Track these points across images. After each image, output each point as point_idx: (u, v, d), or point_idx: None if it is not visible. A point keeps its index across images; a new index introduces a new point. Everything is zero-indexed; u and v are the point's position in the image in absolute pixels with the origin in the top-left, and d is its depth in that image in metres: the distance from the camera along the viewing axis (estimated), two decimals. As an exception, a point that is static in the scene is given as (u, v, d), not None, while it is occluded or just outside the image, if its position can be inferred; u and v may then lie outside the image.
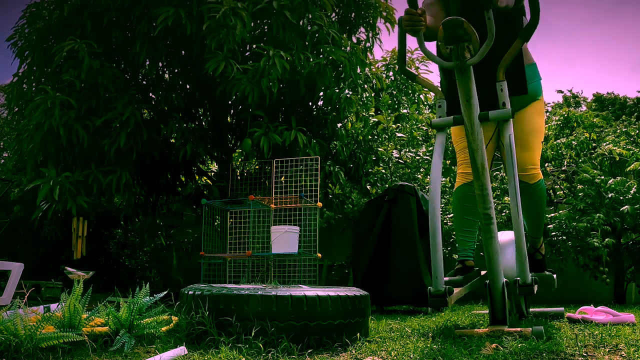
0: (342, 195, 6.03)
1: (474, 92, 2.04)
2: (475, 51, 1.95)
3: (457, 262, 2.83)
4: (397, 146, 6.25)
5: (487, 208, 2.18)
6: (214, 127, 5.61)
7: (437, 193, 2.20)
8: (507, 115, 2.18)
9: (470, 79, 2.00)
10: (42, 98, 4.50)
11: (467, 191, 2.68)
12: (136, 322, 2.09)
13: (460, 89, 2.03)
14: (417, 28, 2.18)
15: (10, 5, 28.97)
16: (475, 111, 2.06)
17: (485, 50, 1.98)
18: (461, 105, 2.06)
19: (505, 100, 2.20)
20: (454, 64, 1.97)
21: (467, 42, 1.91)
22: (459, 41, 1.90)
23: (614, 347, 1.97)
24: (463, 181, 2.72)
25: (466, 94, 2.02)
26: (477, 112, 2.07)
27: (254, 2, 4.43)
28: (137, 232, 7.99)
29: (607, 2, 46.79)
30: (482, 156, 2.12)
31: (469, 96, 2.03)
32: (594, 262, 4.85)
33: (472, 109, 2.04)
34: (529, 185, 2.61)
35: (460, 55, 1.94)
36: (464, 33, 1.88)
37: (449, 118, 2.24)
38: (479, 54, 1.97)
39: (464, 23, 1.86)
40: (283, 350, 1.91)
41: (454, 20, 1.87)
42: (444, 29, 1.89)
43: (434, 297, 2.17)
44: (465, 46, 1.92)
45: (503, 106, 2.20)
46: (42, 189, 4.46)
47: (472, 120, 2.06)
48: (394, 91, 6.89)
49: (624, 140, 5.52)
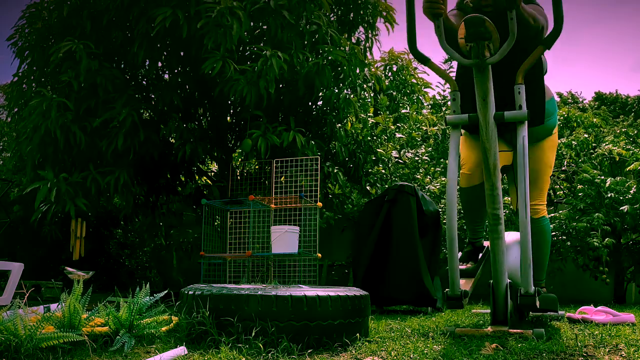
0: (342, 195, 6.03)
1: (491, 91, 2.02)
2: (496, 50, 1.94)
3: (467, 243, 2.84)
4: (397, 146, 6.25)
5: (496, 208, 2.18)
6: (214, 127, 5.61)
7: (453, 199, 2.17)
8: (523, 117, 2.16)
9: (489, 77, 1.99)
10: (39, 100, 4.50)
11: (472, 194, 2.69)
12: (136, 322, 2.08)
13: (478, 87, 2.01)
14: (437, 11, 2.13)
15: (10, 5, 28.98)
16: (491, 110, 2.05)
17: (506, 50, 1.96)
18: (477, 104, 2.05)
19: (522, 102, 2.17)
20: (473, 61, 1.96)
21: (488, 40, 1.89)
22: (481, 39, 1.89)
23: (614, 347, 1.97)
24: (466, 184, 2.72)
25: (483, 93, 2.01)
26: (492, 111, 2.06)
27: (252, 2, 4.42)
28: (137, 232, 7.99)
29: (607, 2, 46.75)
30: (495, 156, 2.11)
31: (485, 95, 2.02)
32: (593, 262, 4.85)
33: (488, 108, 2.04)
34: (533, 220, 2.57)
35: (480, 53, 1.93)
36: (485, 31, 1.87)
37: (464, 116, 2.21)
38: (499, 53, 1.95)
39: (486, 21, 1.86)
40: (283, 350, 1.91)
41: (476, 17, 1.86)
42: (466, 26, 1.88)
43: (451, 299, 2.24)
44: (486, 45, 1.91)
45: (519, 108, 2.18)
46: (40, 191, 4.46)
47: (487, 119, 2.05)
48: (393, 92, 6.89)
49: (624, 141, 5.52)
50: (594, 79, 46.81)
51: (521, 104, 2.18)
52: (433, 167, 6.41)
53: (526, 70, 2.19)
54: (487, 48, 1.92)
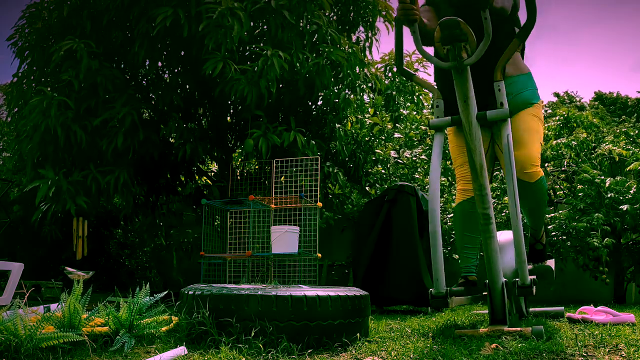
0: (342, 195, 6.03)
1: (472, 92, 2.04)
2: (472, 51, 1.95)
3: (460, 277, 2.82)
4: (396, 147, 6.25)
5: (486, 208, 2.18)
6: (214, 127, 5.61)
7: (436, 196, 2.20)
8: (505, 115, 2.18)
9: (468, 79, 2.00)
10: (39, 99, 4.50)
11: (467, 208, 2.64)
12: (136, 322, 2.09)
13: (458, 89, 2.02)
14: (412, 17, 2.18)
15: (10, 5, 28.98)
16: (473, 111, 2.06)
17: (482, 51, 1.98)
18: (459, 106, 2.06)
19: (502, 100, 2.20)
20: (451, 64, 1.97)
21: (464, 42, 1.91)
22: (456, 41, 1.91)
23: (614, 347, 1.97)
24: (463, 198, 2.68)
25: (463, 94, 2.02)
26: (474, 112, 2.07)
27: (253, 2, 4.43)
28: (137, 232, 7.99)
29: (607, 2, 46.77)
30: (481, 156, 2.12)
31: (466, 96, 2.03)
32: (593, 262, 4.85)
33: (470, 109, 2.04)
34: (530, 185, 2.55)
35: (457, 55, 1.94)
36: (460, 33, 1.89)
37: (446, 118, 2.25)
38: (476, 54, 1.97)
39: (460, 23, 1.86)
40: (283, 350, 1.91)
41: (450, 20, 1.87)
42: (441, 29, 1.89)
43: (435, 298, 2.21)
44: (462, 46, 1.92)
45: (501, 106, 2.20)
46: (40, 189, 4.46)
47: (469, 120, 2.06)
48: (392, 92, 6.89)
49: (624, 141, 5.52)
50: (594, 79, 46.84)
51: (502, 101, 2.19)
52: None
53: (503, 66, 2.22)
54: (463, 49, 1.92)
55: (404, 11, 2.18)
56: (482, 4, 2.00)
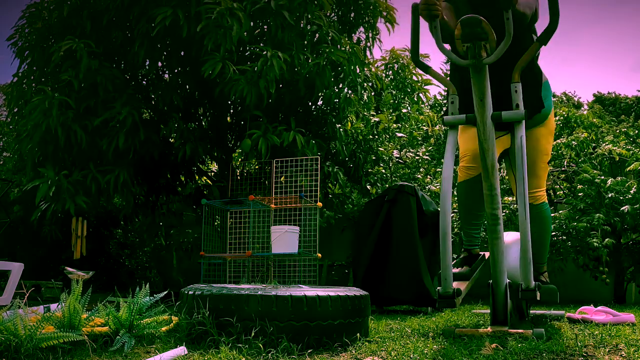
0: (342, 195, 6.03)
1: (488, 91, 2.02)
2: (492, 50, 1.94)
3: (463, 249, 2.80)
4: (398, 146, 6.24)
5: (494, 208, 2.17)
6: (214, 127, 5.61)
7: (448, 196, 2.17)
8: (520, 117, 2.15)
9: (486, 78, 1.99)
10: (40, 98, 4.50)
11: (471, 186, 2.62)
12: (136, 322, 2.08)
13: (475, 87, 2.01)
14: (434, 13, 2.15)
15: (10, 5, 28.98)
16: (489, 110, 2.05)
17: (503, 50, 1.96)
18: (474, 104, 2.04)
19: (519, 101, 2.17)
20: (470, 62, 1.96)
21: (484, 40, 1.89)
22: (477, 39, 1.89)
23: (614, 347, 1.97)
24: (466, 176, 2.66)
25: (480, 93, 2.01)
26: (490, 111, 2.05)
27: (253, 2, 4.42)
28: (137, 232, 7.99)
29: (607, 2, 46.77)
30: (493, 156, 2.10)
31: (482, 95, 2.01)
32: (593, 262, 4.85)
33: (486, 108, 2.03)
34: (533, 206, 2.53)
35: (477, 53, 1.93)
36: (482, 31, 1.87)
37: (461, 116, 2.22)
38: (496, 54, 1.95)
39: (482, 22, 1.85)
40: (283, 350, 1.91)
41: (472, 18, 1.85)
42: (462, 26, 1.88)
43: (443, 298, 2.17)
44: (482, 45, 1.91)
45: (516, 107, 2.18)
46: (40, 188, 4.46)
47: (484, 120, 2.05)
48: (393, 91, 6.88)
49: (624, 141, 5.52)
50: (594, 79, 46.84)
51: (518, 102, 2.18)
52: (434, 167, 6.41)
53: (522, 68, 2.19)
54: (483, 48, 1.92)
55: (426, 6, 2.16)
56: (505, 3, 1.98)
